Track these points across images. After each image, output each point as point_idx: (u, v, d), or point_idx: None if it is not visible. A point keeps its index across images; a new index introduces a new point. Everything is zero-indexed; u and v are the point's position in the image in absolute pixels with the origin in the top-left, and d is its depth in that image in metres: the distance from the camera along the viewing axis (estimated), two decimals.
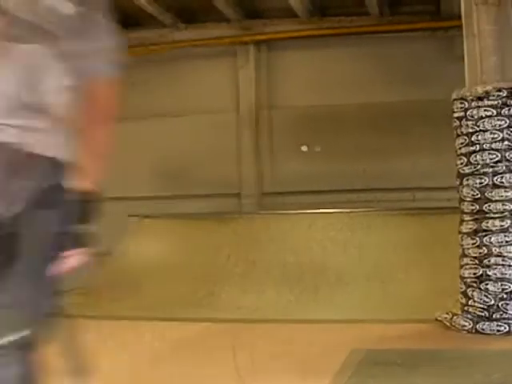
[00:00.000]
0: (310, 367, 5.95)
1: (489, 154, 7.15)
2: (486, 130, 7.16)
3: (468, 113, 7.27)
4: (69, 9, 2.66)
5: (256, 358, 6.39)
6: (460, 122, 7.37)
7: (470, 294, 7.23)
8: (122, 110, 10.19)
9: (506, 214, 7.07)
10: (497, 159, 7.12)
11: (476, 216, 7.23)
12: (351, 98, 12.88)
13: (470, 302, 7.23)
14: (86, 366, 2.91)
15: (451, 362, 5.93)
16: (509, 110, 7.10)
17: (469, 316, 7.19)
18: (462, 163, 7.37)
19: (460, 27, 7.72)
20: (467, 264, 7.28)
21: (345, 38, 12.99)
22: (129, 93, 13.96)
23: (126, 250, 11.31)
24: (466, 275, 7.29)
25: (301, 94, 13.37)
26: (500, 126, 7.12)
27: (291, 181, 13.10)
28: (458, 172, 7.45)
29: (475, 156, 7.22)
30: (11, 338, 2.55)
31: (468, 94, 7.30)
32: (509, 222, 7.05)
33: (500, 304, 7.01)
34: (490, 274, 7.08)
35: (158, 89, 14.01)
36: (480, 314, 7.10)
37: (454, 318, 7.31)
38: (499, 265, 7.04)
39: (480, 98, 7.19)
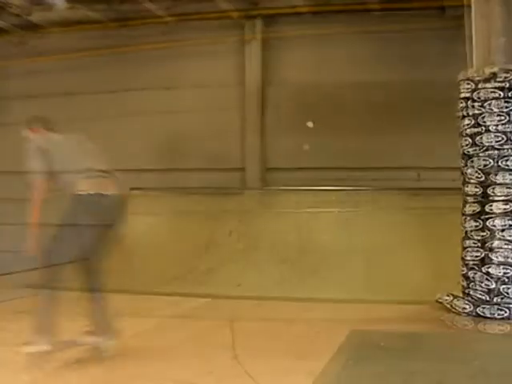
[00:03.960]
0: (306, 347, 5.92)
1: (494, 135, 7.07)
2: (493, 112, 7.08)
3: (474, 94, 7.19)
4: None
5: (254, 336, 6.38)
6: (466, 103, 7.28)
7: (471, 276, 7.18)
8: (127, 82, 10.04)
9: (510, 197, 7.00)
10: (502, 141, 7.04)
11: (480, 198, 7.16)
12: (357, 76, 12.76)
13: (471, 285, 7.18)
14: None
15: (438, 345, 5.91)
16: None
17: (469, 299, 7.14)
18: (467, 144, 7.29)
19: (469, 7, 7.60)
20: (470, 246, 7.23)
21: (353, 15, 12.83)
22: (133, 64, 13.92)
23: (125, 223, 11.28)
24: (468, 258, 7.24)
25: (307, 70, 13.26)
26: (507, 107, 7.03)
27: (295, 157, 13.02)
28: (463, 153, 7.37)
29: (481, 138, 7.15)
30: None
31: (475, 75, 7.21)
32: None
33: (501, 288, 6.95)
34: (492, 257, 7.03)
35: (162, 61, 13.93)
36: (481, 297, 7.05)
37: (455, 300, 7.27)
38: (502, 248, 6.99)
39: (487, 80, 7.10)
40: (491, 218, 7.07)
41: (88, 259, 5.89)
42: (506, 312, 6.92)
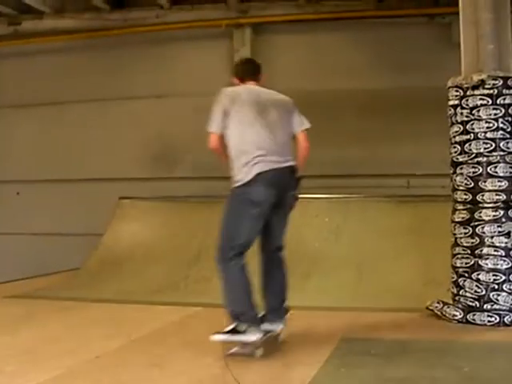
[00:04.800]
0: (296, 355, 5.91)
1: (483, 143, 7.10)
2: (481, 119, 7.10)
3: (463, 101, 7.22)
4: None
5: None
6: (455, 110, 7.31)
7: (461, 283, 7.20)
8: (115, 90, 10.07)
9: (499, 204, 7.03)
10: (491, 148, 7.07)
11: (469, 205, 7.18)
12: (346, 83, 12.79)
13: (461, 292, 7.19)
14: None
15: (428, 352, 5.91)
16: (504, 99, 7.05)
17: (460, 306, 7.16)
18: (456, 152, 7.32)
19: (458, 14, 7.63)
20: (459, 253, 7.25)
21: (342, 23, 12.89)
22: (122, 73, 13.92)
23: (114, 232, 11.27)
24: (458, 265, 7.25)
25: (297, 78, 13.27)
26: (495, 114, 7.06)
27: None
28: (452, 160, 7.40)
29: (469, 145, 7.17)
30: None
31: (463, 82, 7.23)
32: (502, 212, 7.01)
33: (491, 294, 6.97)
34: (481, 264, 7.05)
35: (152, 70, 13.93)
36: (471, 304, 7.07)
37: (445, 307, 7.28)
38: (491, 255, 7.01)
39: (475, 87, 7.13)
40: (480, 224, 7.09)
41: None
42: (496, 319, 6.94)
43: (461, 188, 7.25)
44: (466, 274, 7.15)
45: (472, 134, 7.14)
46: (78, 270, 11.12)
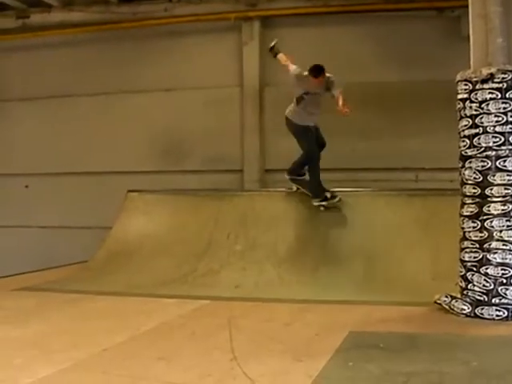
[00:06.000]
0: (305, 349, 5.90)
1: (492, 137, 7.07)
2: (490, 113, 7.07)
3: (472, 95, 7.18)
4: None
5: (252, 338, 6.36)
6: (464, 103, 7.28)
7: (469, 277, 7.18)
8: (124, 84, 10.03)
9: (508, 198, 7.00)
10: (500, 142, 7.04)
11: (477, 199, 7.15)
12: (356, 77, 12.74)
13: (469, 286, 7.17)
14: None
15: (436, 346, 5.89)
16: None
17: (468, 300, 7.14)
18: (464, 145, 7.29)
19: (467, 7, 7.59)
20: (468, 247, 7.22)
21: (351, 16, 12.87)
22: (131, 66, 13.91)
23: (122, 225, 11.27)
24: (467, 259, 7.23)
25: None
26: (504, 108, 7.03)
27: (294, 158, 13.00)
28: (461, 154, 7.36)
29: (478, 139, 7.14)
30: None
31: (473, 75, 7.20)
32: (510, 206, 6.98)
33: (499, 289, 6.95)
34: (490, 258, 7.02)
35: (161, 63, 13.93)
36: (479, 298, 7.05)
37: (453, 301, 7.26)
38: (500, 249, 6.98)
39: (484, 81, 7.10)
40: (489, 218, 7.06)
41: None
42: (504, 313, 6.92)
43: (469, 182, 7.23)
44: (475, 268, 7.13)
45: (481, 128, 7.12)
46: (86, 262, 11.13)
